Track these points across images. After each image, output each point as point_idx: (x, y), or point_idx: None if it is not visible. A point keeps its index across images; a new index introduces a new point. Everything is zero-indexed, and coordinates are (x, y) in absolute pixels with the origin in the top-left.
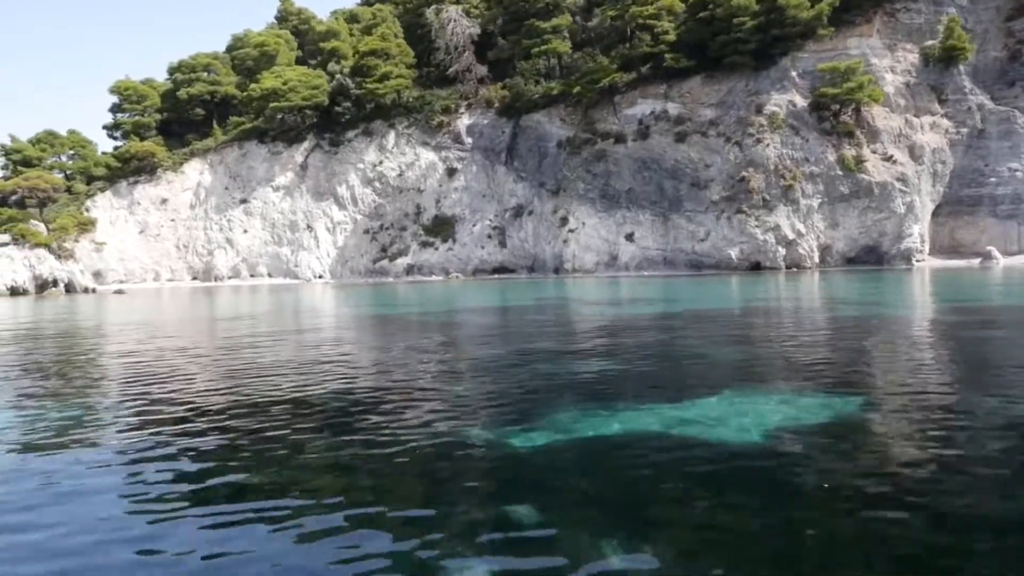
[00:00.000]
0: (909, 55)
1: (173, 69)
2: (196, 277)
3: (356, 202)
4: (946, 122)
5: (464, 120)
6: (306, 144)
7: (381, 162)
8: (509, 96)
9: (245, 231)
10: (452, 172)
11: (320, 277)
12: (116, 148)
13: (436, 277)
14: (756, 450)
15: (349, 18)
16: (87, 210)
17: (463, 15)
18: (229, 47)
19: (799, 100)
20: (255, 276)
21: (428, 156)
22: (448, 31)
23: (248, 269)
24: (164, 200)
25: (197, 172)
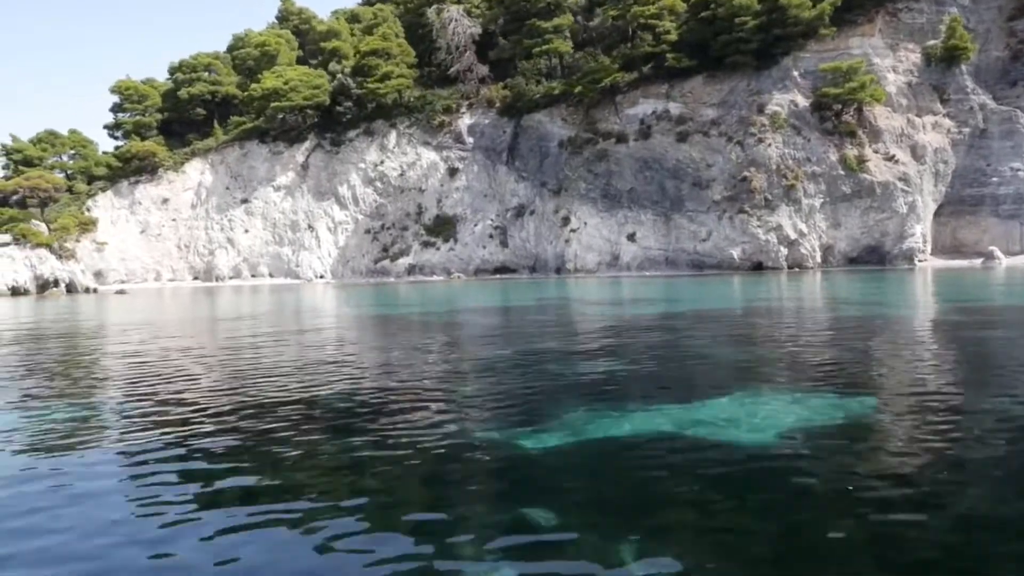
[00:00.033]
0: (911, 55)
1: (174, 69)
2: (197, 277)
3: (357, 202)
4: (948, 122)
5: (465, 120)
6: (307, 144)
7: (382, 162)
8: (510, 96)
9: (246, 231)
10: (453, 172)
11: (321, 277)
12: (117, 148)
13: (437, 277)
14: (770, 451)
15: (350, 18)
16: (88, 210)
17: (464, 15)
18: (230, 47)
19: (801, 100)
20: (256, 276)
21: (429, 156)
22: (449, 31)
23: (249, 269)
24: (165, 200)
25: (198, 172)
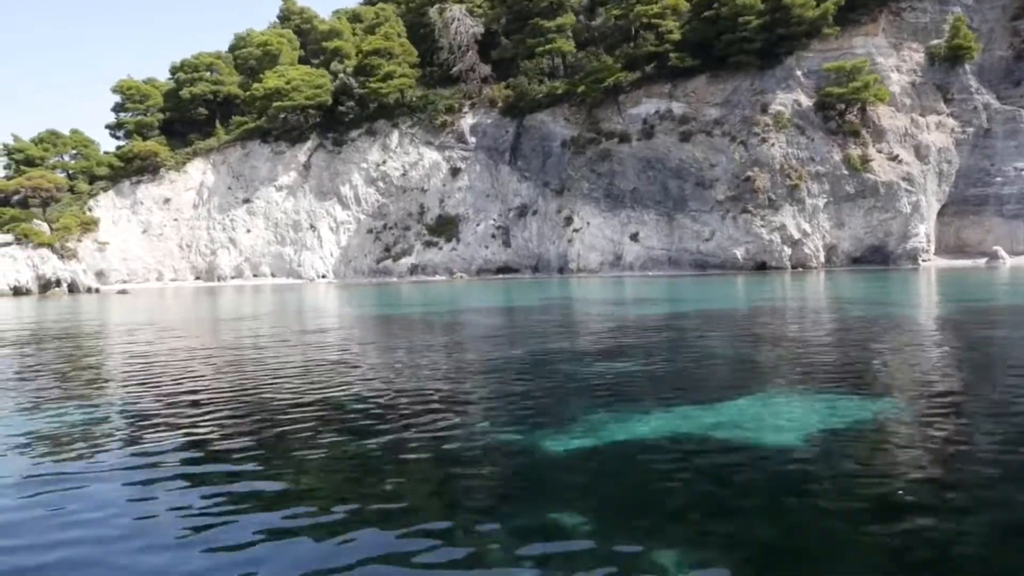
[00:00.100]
0: (915, 54)
1: (176, 68)
2: (199, 277)
3: (359, 202)
4: (952, 121)
5: (468, 120)
6: (309, 144)
7: (384, 162)
8: (513, 95)
9: (248, 231)
10: (456, 172)
11: (323, 277)
12: (119, 148)
13: (440, 277)
14: (798, 454)
15: (352, 17)
16: (90, 210)
17: (466, 14)
18: (232, 46)
19: (804, 99)
20: (258, 276)
21: (432, 156)
22: (451, 30)
23: (251, 269)
24: (167, 200)
25: (200, 172)
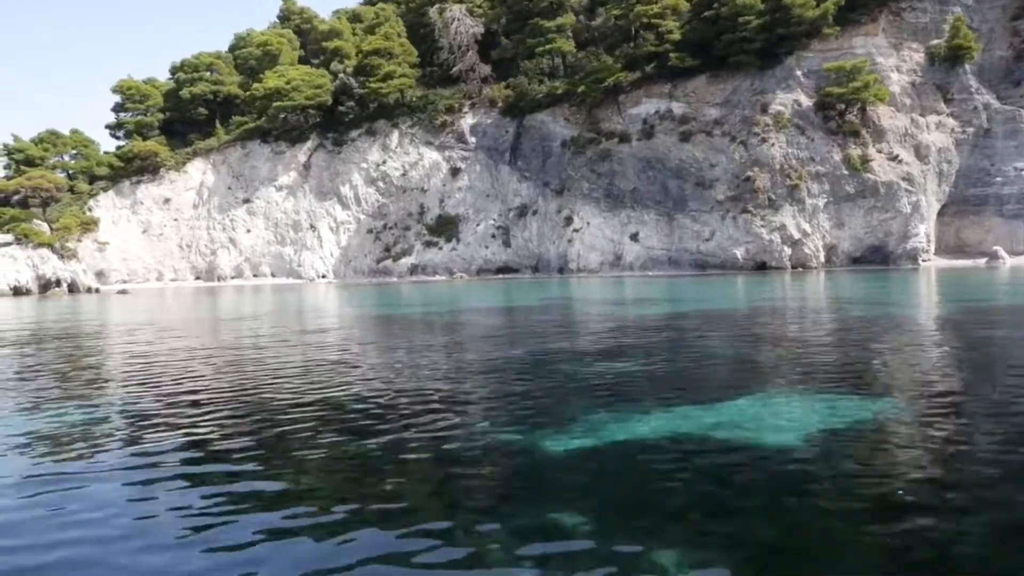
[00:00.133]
0: (915, 54)
1: (176, 68)
2: (199, 277)
3: (359, 202)
4: (952, 121)
5: (468, 120)
6: (309, 144)
7: (384, 162)
8: (513, 95)
9: (248, 231)
10: (456, 172)
11: (323, 277)
12: (119, 148)
13: (440, 277)
14: (798, 454)
15: (352, 17)
16: (90, 210)
17: (466, 14)
18: (232, 46)
19: (804, 99)
20: (258, 276)
21: (432, 156)
22: (451, 30)
23: (251, 269)
24: (167, 200)
25: (200, 172)
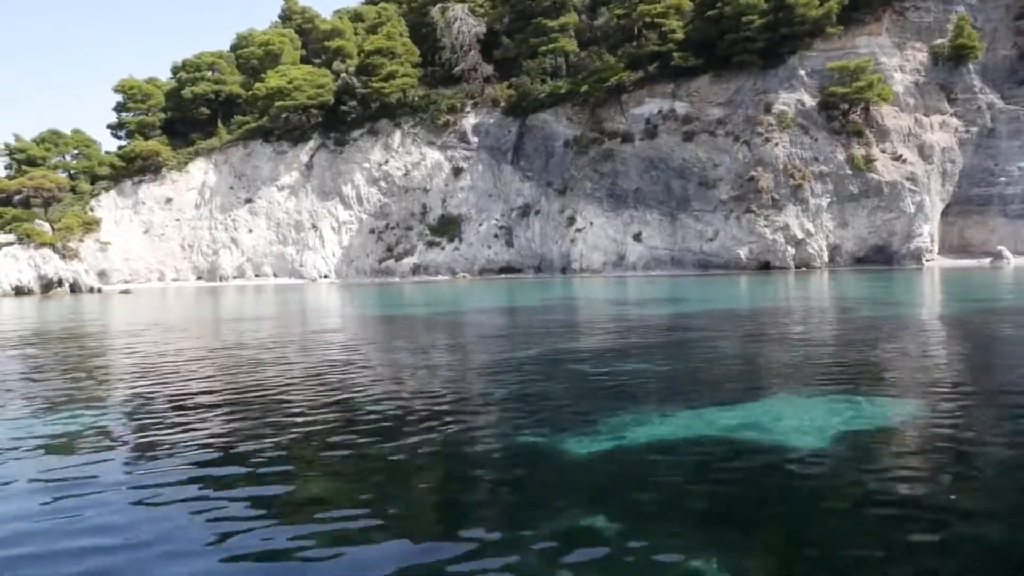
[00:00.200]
0: (918, 54)
1: (177, 68)
2: (201, 277)
3: (361, 202)
4: (955, 121)
5: (470, 119)
6: (311, 143)
7: (387, 161)
8: (515, 95)
9: (250, 231)
10: (458, 171)
11: (325, 277)
12: (120, 147)
13: (442, 277)
14: (826, 458)
15: (353, 17)
16: (91, 210)
17: (469, 13)
18: (233, 46)
19: (808, 99)
20: (260, 276)
21: (434, 155)
22: (454, 30)
23: (253, 269)
24: (169, 200)
25: (202, 171)
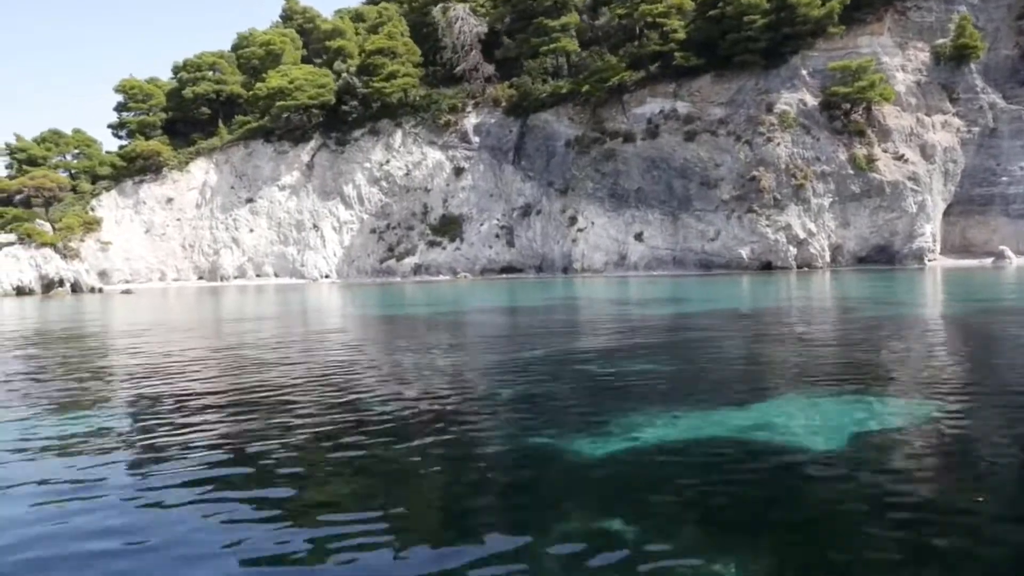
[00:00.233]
0: (920, 53)
1: (178, 68)
2: (202, 277)
3: (363, 201)
4: (957, 121)
5: (471, 119)
6: (312, 143)
7: (388, 161)
8: (516, 95)
9: (251, 231)
10: (459, 171)
11: (327, 277)
12: (121, 147)
13: (443, 277)
14: (840, 458)
15: (354, 17)
16: (92, 209)
17: (470, 13)
18: (234, 46)
19: (810, 99)
20: (261, 276)
21: (435, 155)
22: (455, 29)
23: (254, 269)
24: (170, 199)
25: (203, 171)
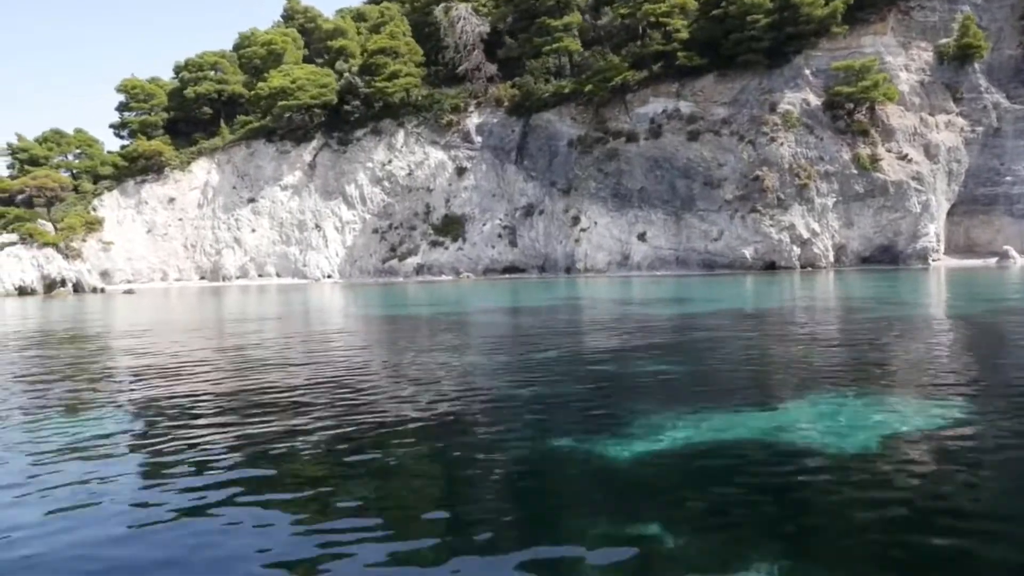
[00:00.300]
0: (923, 53)
1: (180, 68)
2: (204, 277)
3: (365, 201)
4: (961, 121)
5: (473, 119)
6: (314, 143)
7: (390, 161)
8: (519, 95)
9: (253, 230)
10: (462, 171)
11: (329, 277)
12: (123, 147)
13: (446, 277)
14: (874, 461)
15: (356, 16)
16: (94, 209)
17: (472, 13)
18: (236, 45)
19: (813, 99)
20: (263, 276)
21: (437, 155)
22: (457, 29)
23: (256, 269)
24: (171, 199)
25: (205, 171)
